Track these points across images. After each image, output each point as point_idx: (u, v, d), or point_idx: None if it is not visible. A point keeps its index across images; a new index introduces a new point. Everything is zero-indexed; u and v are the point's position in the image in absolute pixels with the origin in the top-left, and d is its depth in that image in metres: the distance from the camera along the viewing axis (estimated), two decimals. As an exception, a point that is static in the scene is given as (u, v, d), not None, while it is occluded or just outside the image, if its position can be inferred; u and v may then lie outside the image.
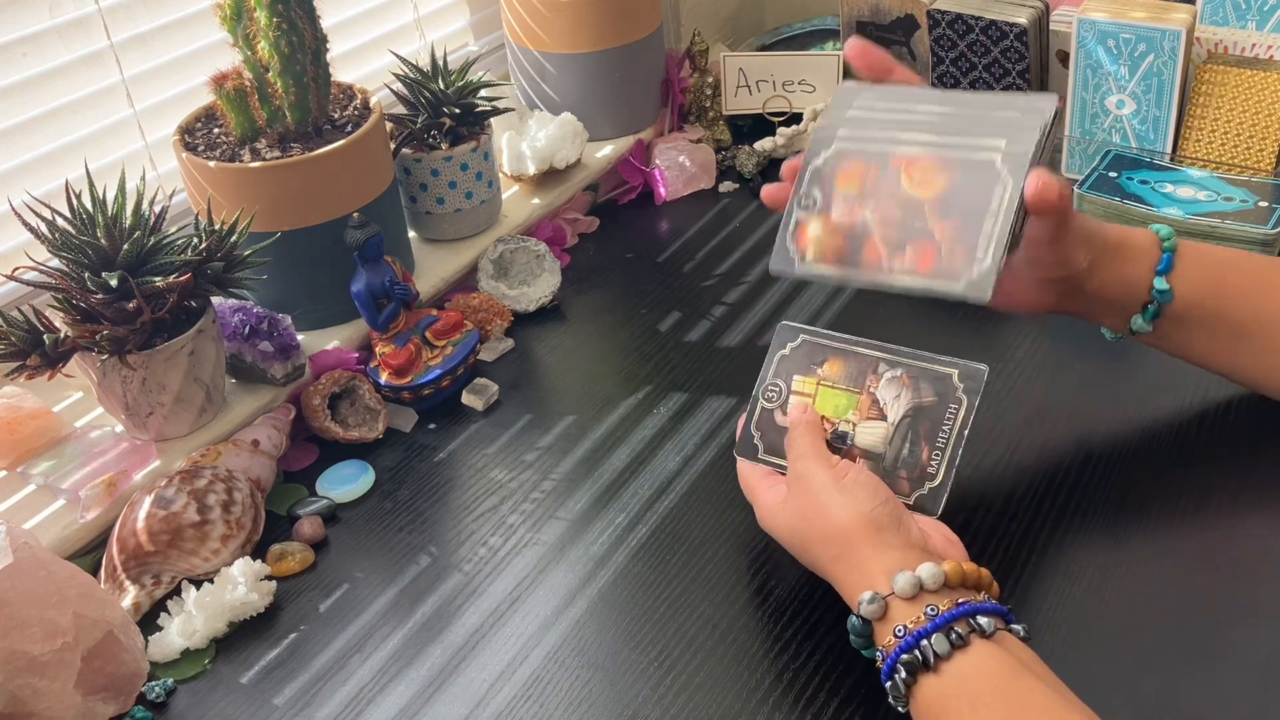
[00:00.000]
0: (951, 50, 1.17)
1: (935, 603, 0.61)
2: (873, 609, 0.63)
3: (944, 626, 0.60)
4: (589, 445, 0.90)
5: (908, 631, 0.61)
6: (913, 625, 0.61)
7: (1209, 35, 1.11)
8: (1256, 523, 0.77)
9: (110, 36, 0.96)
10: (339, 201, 0.95)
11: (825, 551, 0.67)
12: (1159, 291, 0.75)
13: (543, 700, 0.70)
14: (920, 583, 0.62)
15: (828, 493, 0.68)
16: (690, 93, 1.28)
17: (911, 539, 0.66)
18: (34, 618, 0.67)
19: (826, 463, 0.70)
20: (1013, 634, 0.61)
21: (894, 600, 0.62)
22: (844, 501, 0.67)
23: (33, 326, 0.81)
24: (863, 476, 0.68)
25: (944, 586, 0.62)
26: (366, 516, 0.85)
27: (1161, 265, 0.75)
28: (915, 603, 0.62)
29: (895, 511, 0.67)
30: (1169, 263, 0.75)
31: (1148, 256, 0.75)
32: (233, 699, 0.72)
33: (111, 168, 0.95)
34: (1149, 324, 0.76)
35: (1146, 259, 0.75)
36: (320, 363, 0.95)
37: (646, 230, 1.18)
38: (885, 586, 0.63)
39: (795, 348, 0.76)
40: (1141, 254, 0.76)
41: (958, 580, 0.62)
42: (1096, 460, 0.82)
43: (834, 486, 0.68)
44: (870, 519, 0.66)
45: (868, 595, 0.63)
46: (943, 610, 0.60)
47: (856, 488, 0.67)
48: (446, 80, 1.07)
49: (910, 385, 0.72)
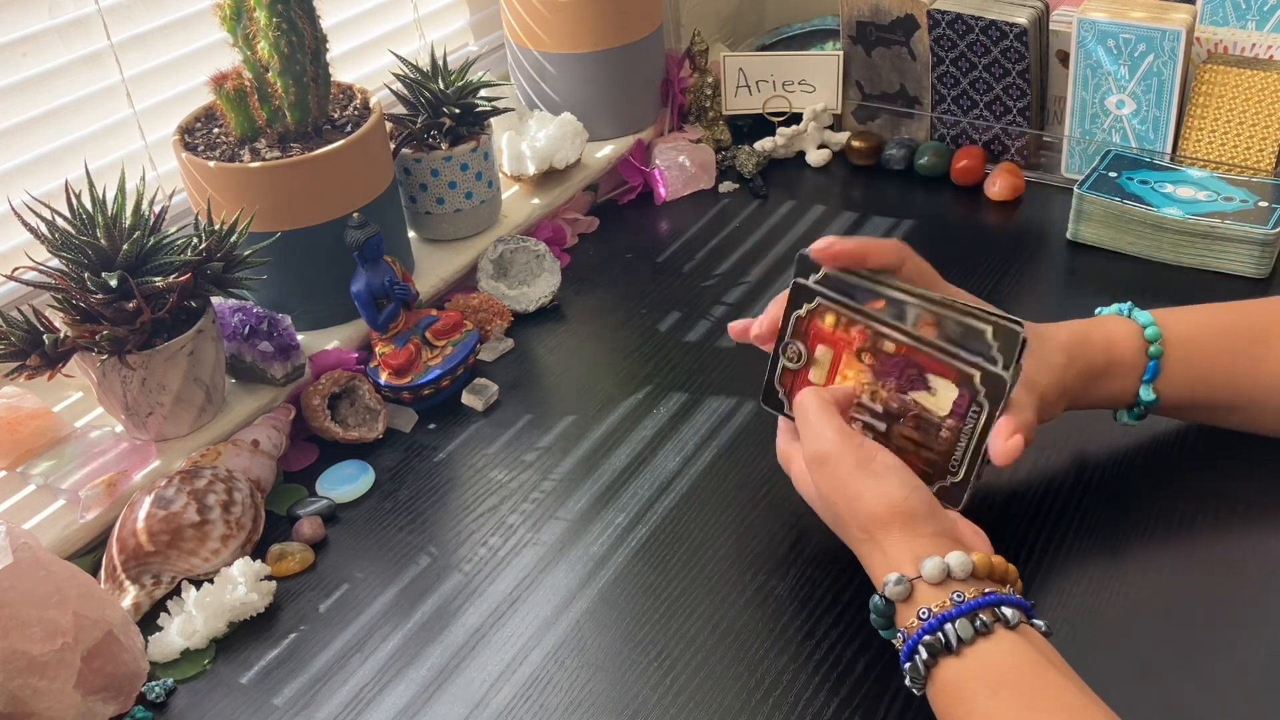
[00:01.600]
0: (951, 50, 1.17)
1: (961, 590, 0.61)
2: (898, 590, 0.62)
3: (969, 613, 0.60)
4: (589, 445, 0.90)
5: (932, 615, 0.61)
6: (937, 609, 0.61)
7: (1209, 35, 1.11)
8: (1256, 525, 0.77)
9: (110, 36, 0.96)
10: (339, 201, 0.95)
11: (855, 530, 0.67)
12: (1145, 401, 0.77)
13: (543, 700, 0.70)
14: (948, 569, 0.62)
15: (857, 479, 0.66)
16: (690, 93, 1.28)
17: (943, 528, 0.65)
18: (34, 618, 0.67)
19: (850, 443, 0.67)
20: (1034, 629, 0.61)
21: (920, 584, 0.62)
22: (876, 487, 0.66)
23: (33, 326, 0.81)
24: (892, 461, 0.67)
25: (971, 576, 0.62)
26: (366, 516, 0.85)
27: (1147, 375, 0.76)
28: (942, 588, 0.62)
29: (928, 499, 0.66)
30: (1155, 371, 0.76)
31: (1134, 370, 0.76)
32: (233, 699, 0.72)
33: (111, 168, 0.95)
34: (1135, 421, 0.79)
35: (1133, 373, 0.76)
36: (320, 363, 0.95)
37: (646, 230, 1.18)
38: (912, 570, 0.63)
39: (812, 308, 0.73)
40: (1128, 370, 0.76)
41: (985, 571, 0.63)
42: (1097, 463, 0.82)
43: (863, 472, 0.66)
44: (904, 507, 0.65)
45: (894, 576, 0.63)
46: (969, 597, 0.61)
47: (887, 473, 0.66)
48: (446, 80, 1.07)
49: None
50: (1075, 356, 0.75)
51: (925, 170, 1.20)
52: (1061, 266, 1.06)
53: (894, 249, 0.72)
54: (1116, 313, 0.78)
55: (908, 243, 0.73)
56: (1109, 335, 0.76)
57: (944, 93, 1.20)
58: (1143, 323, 0.77)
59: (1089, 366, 0.75)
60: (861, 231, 1.12)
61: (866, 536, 0.66)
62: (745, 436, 0.89)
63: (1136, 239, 1.04)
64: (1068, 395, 0.75)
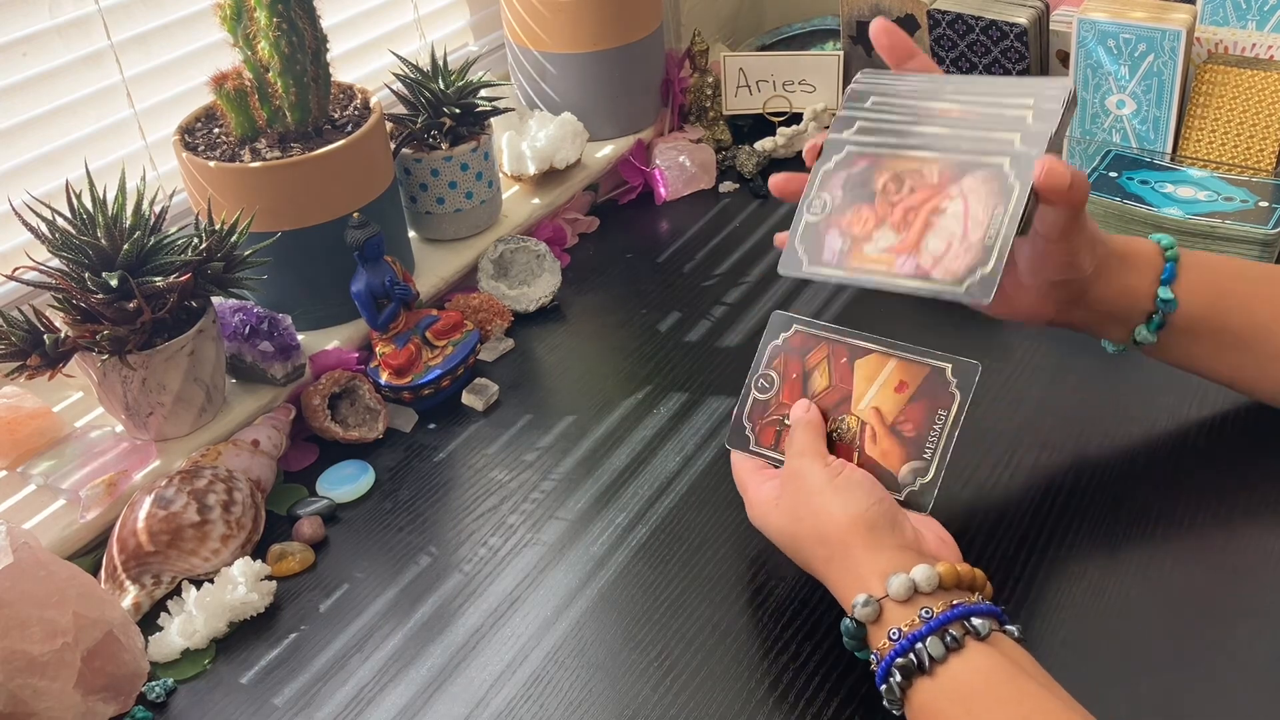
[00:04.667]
0: (951, 50, 1.17)
1: (929, 605, 0.61)
2: (867, 612, 0.62)
3: (938, 629, 0.60)
4: (589, 445, 0.90)
5: (902, 635, 0.61)
6: (907, 628, 0.61)
7: (1209, 35, 1.11)
8: (1255, 524, 0.77)
9: (110, 36, 0.96)
10: (339, 201, 0.95)
11: (818, 552, 0.67)
12: (1164, 301, 0.75)
13: (543, 700, 0.70)
14: (914, 585, 0.62)
15: (822, 493, 0.67)
16: (690, 93, 1.28)
17: (905, 539, 0.65)
18: (34, 618, 0.67)
19: (822, 461, 0.69)
20: (1007, 635, 0.61)
21: (888, 603, 0.62)
22: (838, 502, 0.66)
23: (33, 326, 0.81)
24: (857, 475, 0.68)
25: (938, 588, 0.62)
26: (366, 516, 0.85)
27: (1165, 274, 0.75)
28: (909, 605, 0.61)
29: (889, 511, 0.66)
30: (1173, 272, 0.75)
31: (1151, 266, 0.75)
32: (233, 699, 0.72)
33: (111, 168, 0.95)
34: (1154, 334, 0.76)
35: (1150, 269, 0.75)
36: (320, 363, 0.95)
37: (646, 230, 1.18)
38: (879, 588, 0.63)
39: (789, 338, 0.75)
40: (1145, 263, 0.75)
41: (952, 582, 0.62)
42: (1095, 461, 0.82)
43: (829, 486, 0.67)
44: (864, 519, 0.65)
45: (862, 598, 0.63)
46: (937, 613, 0.60)
47: (851, 487, 0.67)
48: (446, 80, 1.07)
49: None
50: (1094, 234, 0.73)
51: (925, 170, 1.20)
52: (1061, 266, 1.06)
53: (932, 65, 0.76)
54: None
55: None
56: (1127, 239, 0.76)
57: (944, 93, 1.20)
58: (1158, 238, 0.77)
59: (1108, 248, 0.74)
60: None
61: (829, 554, 0.66)
62: (745, 436, 0.89)
63: (1136, 239, 1.04)
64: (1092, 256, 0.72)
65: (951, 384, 0.69)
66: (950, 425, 0.70)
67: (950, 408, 0.69)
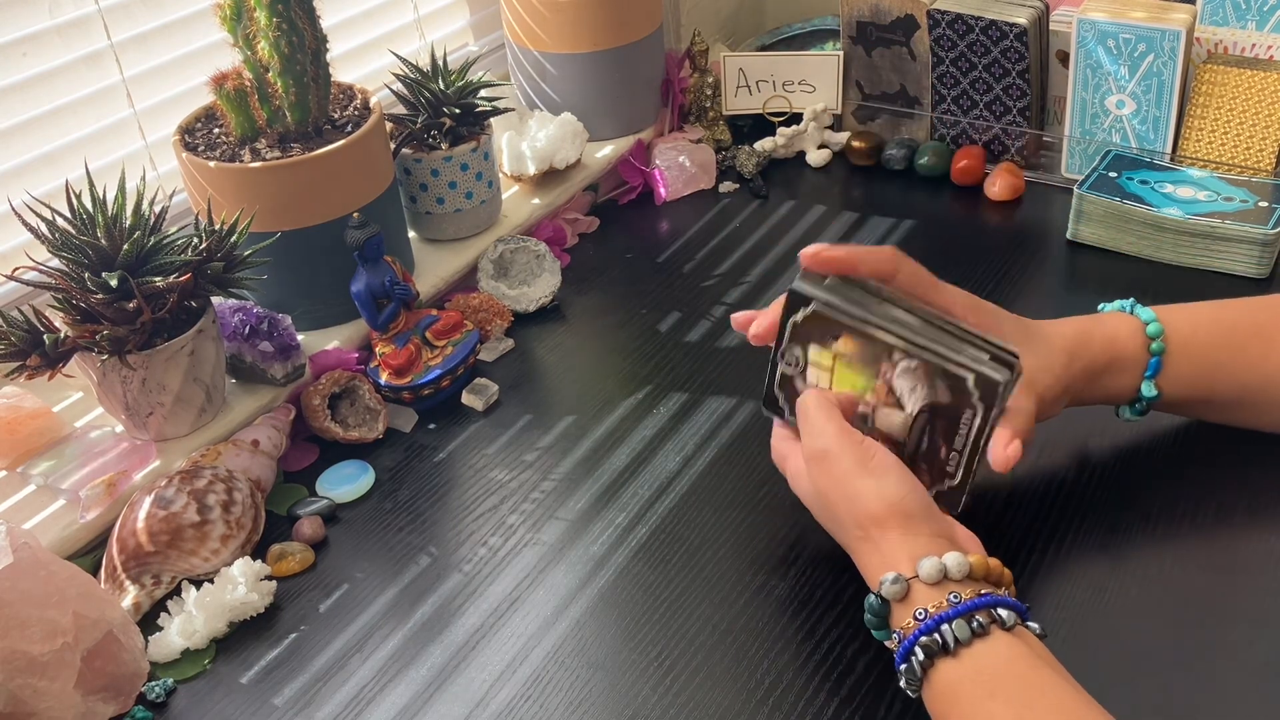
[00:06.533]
0: (951, 50, 1.17)
1: (958, 590, 0.61)
2: (895, 589, 0.62)
3: (966, 613, 0.60)
4: (589, 445, 0.90)
5: (928, 615, 0.61)
6: (934, 609, 0.61)
7: (1209, 35, 1.11)
8: (1256, 524, 0.77)
9: (110, 36, 0.96)
10: (339, 201, 0.95)
11: (852, 530, 0.67)
12: (1147, 397, 0.77)
13: (543, 700, 0.70)
14: (945, 570, 0.62)
15: (856, 478, 0.66)
16: (690, 93, 1.28)
17: (940, 528, 0.65)
18: (34, 618, 0.67)
19: (850, 441, 0.68)
20: (1029, 630, 0.61)
21: (916, 584, 0.62)
22: (874, 486, 0.66)
23: (33, 326, 0.81)
24: (889, 460, 0.67)
25: (968, 577, 0.62)
26: (366, 516, 0.85)
27: (1149, 371, 0.76)
28: (939, 589, 0.61)
29: (925, 499, 0.66)
30: (1156, 367, 0.76)
31: (1136, 367, 0.76)
32: (233, 699, 0.72)
33: (111, 168, 0.95)
34: (1137, 416, 0.79)
35: (1135, 368, 0.76)
36: (320, 363, 0.95)
37: (646, 230, 1.18)
38: (909, 569, 0.63)
39: (807, 315, 0.73)
40: (1130, 366, 0.76)
41: (982, 573, 0.63)
42: (1097, 462, 0.82)
43: (862, 469, 0.66)
44: (901, 506, 0.65)
45: (890, 576, 0.63)
46: (966, 598, 0.61)
47: (885, 472, 0.66)
48: (446, 80, 1.07)
49: (926, 381, 0.69)
50: (1077, 355, 0.75)
51: (925, 170, 1.20)
52: (1061, 267, 1.06)
53: (888, 258, 0.71)
54: (1119, 309, 0.79)
55: (908, 243, 0.73)
56: (1111, 332, 0.76)
57: (944, 93, 1.20)
58: (1145, 319, 0.77)
59: (1091, 364, 0.75)
60: (861, 231, 1.12)
61: (863, 534, 0.66)
62: (745, 436, 0.89)
63: (1136, 239, 1.04)
64: (1069, 393, 0.75)
65: (973, 396, 0.68)
66: (974, 438, 0.68)
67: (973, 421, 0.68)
